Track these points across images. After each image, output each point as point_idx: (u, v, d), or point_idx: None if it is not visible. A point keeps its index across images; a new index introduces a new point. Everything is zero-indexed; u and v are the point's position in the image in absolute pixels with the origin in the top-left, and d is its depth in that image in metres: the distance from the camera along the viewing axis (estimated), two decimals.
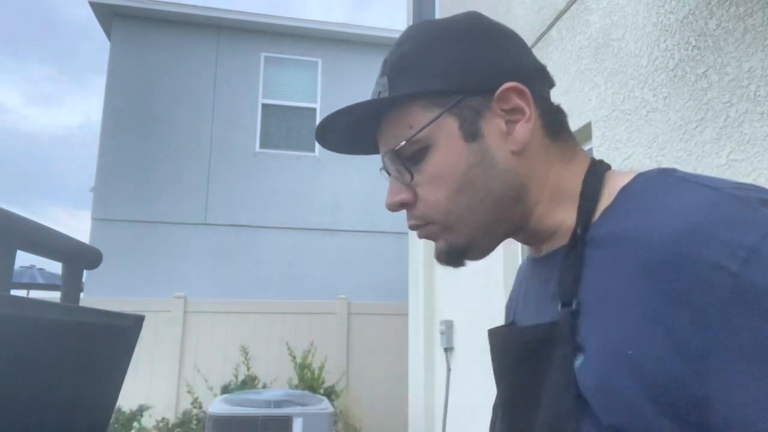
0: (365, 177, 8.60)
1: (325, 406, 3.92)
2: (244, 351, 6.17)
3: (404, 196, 0.64)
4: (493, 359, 0.67)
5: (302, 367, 6.21)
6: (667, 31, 2.00)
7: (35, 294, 8.53)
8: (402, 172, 0.63)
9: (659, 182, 0.55)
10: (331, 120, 0.63)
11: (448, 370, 4.23)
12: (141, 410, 5.49)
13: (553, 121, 0.64)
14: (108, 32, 8.53)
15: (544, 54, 2.86)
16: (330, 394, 6.04)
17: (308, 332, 6.91)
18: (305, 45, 8.90)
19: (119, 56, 8.28)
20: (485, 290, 3.53)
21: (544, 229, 0.63)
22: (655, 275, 0.48)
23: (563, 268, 0.58)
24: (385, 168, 0.67)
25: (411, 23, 6.15)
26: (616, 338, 0.49)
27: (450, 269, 0.72)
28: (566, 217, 0.61)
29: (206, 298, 7.04)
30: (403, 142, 0.61)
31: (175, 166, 8.10)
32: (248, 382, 5.96)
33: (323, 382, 6.18)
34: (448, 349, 4.25)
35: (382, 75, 0.64)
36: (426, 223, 0.63)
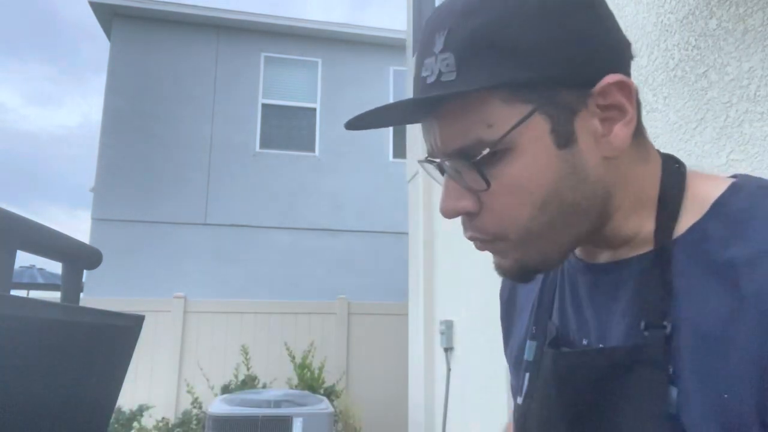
0: (365, 177, 8.60)
1: (325, 406, 3.93)
2: (244, 351, 6.17)
3: (467, 204, 0.52)
4: (563, 381, 0.57)
5: (302, 367, 6.21)
6: (667, 31, 2.00)
7: (35, 294, 8.54)
8: (472, 178, 0.51)
9: (766, 202, 0.48)
10: (374, 112, 0.52)
11: (448, 370, 4.23)
12: (141, 410, 5.48)
13: (638, 115, 0.53)
14: (108, 32, 8.53)
15: None
16: (330, 394, 6.04)
17: (308, 332, 6.91)
18: (305, 45, 8.90)
19: (119, 56, 8.28)
20: (485, 290, 3.52)
21: (619, 237, 0.55)
22: (755, 320, 0.43)
23: (646, 284, 0.51)
24: (436, 163, 0.55)
25: (411, 23, 6.13)
26: (715, 378, 0.45)
27: (448, 270, 0.71)
28: (643, 224, 0.54)
29: (206, 298, 7.04)
30: (486, 150, 0.48)
31: (175, 166, 8.11)
32: (248, 382, 5.96)
33: (323, 382, 6.18)
34: (448, 349, 4.25)
35: (443, 49, 0.49)
36: (494, 238, 0.53)
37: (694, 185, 0.53)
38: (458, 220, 0.56)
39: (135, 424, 5.42)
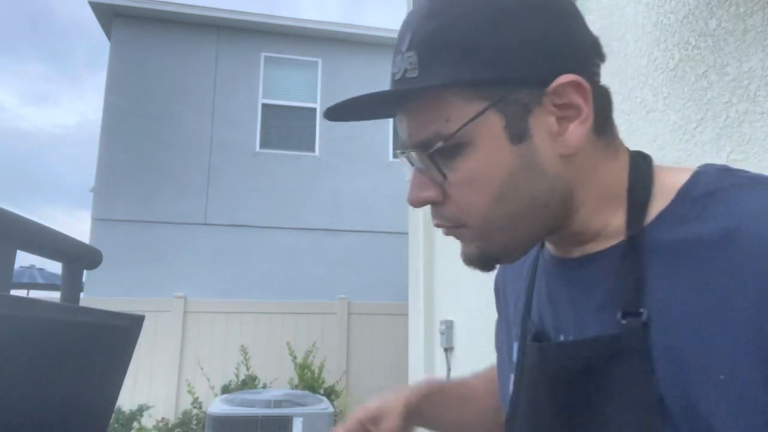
0: (365, 177, 8.60)
1: (325, 406, 3.93)
2: (244, 351, 6.17)
3: (431, 193, 0.55)
4: (546, 375, 0.58)
5: (302, 367, 6.21)
6: (667, 31, 2.00)
7: (35, 294, 8.53)
8: (432, 169, 0.54)
9: (728, 182, 0.50)
10: (349, 102, 0.55)
11: (448, 370, 4.23)
12: (141, 410, 5.48)
13: (603, 113, 0.55)
14: (108, 32, 8.53)
15: None
16: (330, 394, 6.04)
17: (308, 332, 6.91)
18: (305, 45, 8.90)
19: (119, 56, 8.28)
20: (485, 290, 3.51)
21: (588, 232, 0.56)
22: (743, 292, 0.44)
23: (621, 273, 0.52)
24: (405, 155, 0.57)
25: None
26: (700, 356, 0.45)
27: (448, 270, 0.71)
28: (613, 218, 0.55)
29: (206, 298, 7.04)
30: (440, 143, 0.51)
31: (175, 166, 8.11)
32: (248, 382, 5.96)
33: (323, 382, 6.18)
34: (448, 349, 4.25)
35: (408, 48, 0.53)
36: (458, 226, 0.56)
37: (661, 177, 0.55)
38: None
39: (135, 424, 5.42)
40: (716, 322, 0.45)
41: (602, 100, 0.55)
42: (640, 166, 0.57)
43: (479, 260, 0.57)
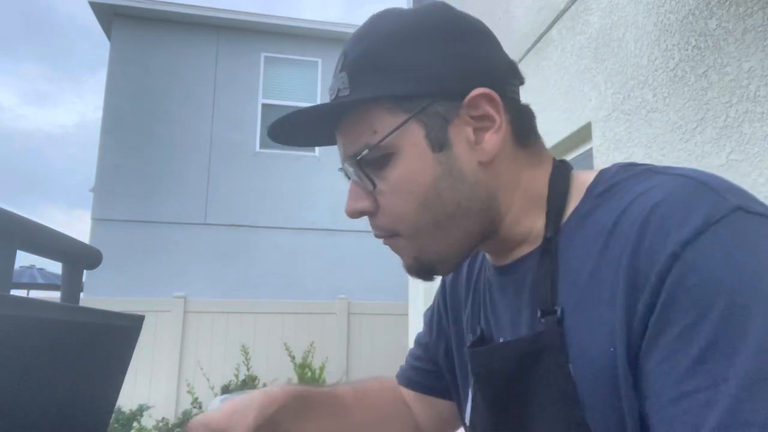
0: None
1: None
2: (244, 351, 6.17)
3: (365, 204, 0.59)
4: (480, 378, 0.62)
5: (302, 367, 6.21)
6: (667, 31, 2.00)
7: (35, 294, 8.54)
8: (363, 179, 0.58)
9: (625, 175, 0.55)
10: (287, 119, 0.59)
11: None
12: (141, 410, 5.49)
13: (522, 126, 0.60)
14: (108, 32, 8.54)
15: (544, 54, 2.86)
16: None
17: (308, 332, 6.91)
18: (305, 45, 8.90)
19: (119, 56, 8.28)
20: None
21: (514, 237, 0.60)
22: (621, 265, 0.48)
23: (537, 274, 0.56)
24: (344, 170, 0.62)
25: None
26: (598, 339, 0.49)
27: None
28: (536, 222, 0.59)
29: (206, 298, 7.04)
30: (366, 151, 0.56)
31: (175, 166, 8.11)
32: (248, 382, 5.96)
33: (323, 382, 6.19)
34: None
35: (341, 70, 0.59)
36: (391, 235, 0.60)
37: (576, 180, 0.59)
38: None
39: (135, 424, 5.42)
40: (607, 302, 0.48)
41: (522, 115, 0.61)
42: (560, 172, 0.61)
43: (418, 270, 0.61)
